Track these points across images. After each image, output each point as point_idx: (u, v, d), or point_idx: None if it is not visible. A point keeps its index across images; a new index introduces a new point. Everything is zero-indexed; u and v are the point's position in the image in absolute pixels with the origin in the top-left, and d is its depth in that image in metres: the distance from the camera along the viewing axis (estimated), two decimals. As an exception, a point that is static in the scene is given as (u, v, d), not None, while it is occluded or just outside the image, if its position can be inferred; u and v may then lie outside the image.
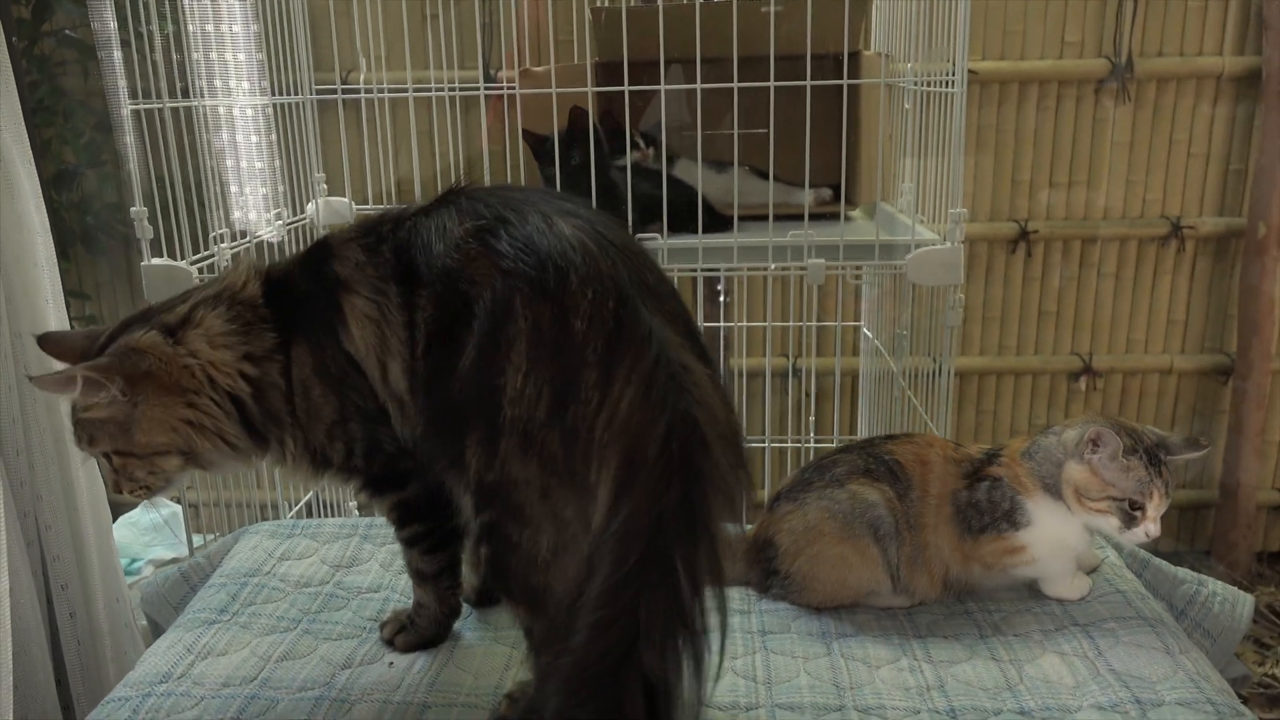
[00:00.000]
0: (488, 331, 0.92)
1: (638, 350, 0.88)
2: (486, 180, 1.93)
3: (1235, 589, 1.37)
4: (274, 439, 1.10)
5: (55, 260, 1.54)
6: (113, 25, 1.47)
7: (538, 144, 1.83)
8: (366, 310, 1.02)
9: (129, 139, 1.56)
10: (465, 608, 1.30)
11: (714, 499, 0.86)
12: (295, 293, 1.07)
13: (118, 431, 1.05)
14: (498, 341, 0.91)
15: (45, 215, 1.44)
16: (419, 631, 1.23)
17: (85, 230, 2.53)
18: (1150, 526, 1.22)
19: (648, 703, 0.83)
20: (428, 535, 1.16)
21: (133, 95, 1.59)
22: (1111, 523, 1.23)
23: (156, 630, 1.50)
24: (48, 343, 1.13)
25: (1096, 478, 1.22)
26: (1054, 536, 1.26)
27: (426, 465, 1.06)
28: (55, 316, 1.51)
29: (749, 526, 1.51)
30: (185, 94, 1.68)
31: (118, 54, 1.49)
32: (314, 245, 1.11)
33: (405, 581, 1.43)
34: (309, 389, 1.06)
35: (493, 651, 1.24)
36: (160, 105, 1.62)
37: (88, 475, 1.52)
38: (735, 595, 1.37)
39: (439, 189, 1.96)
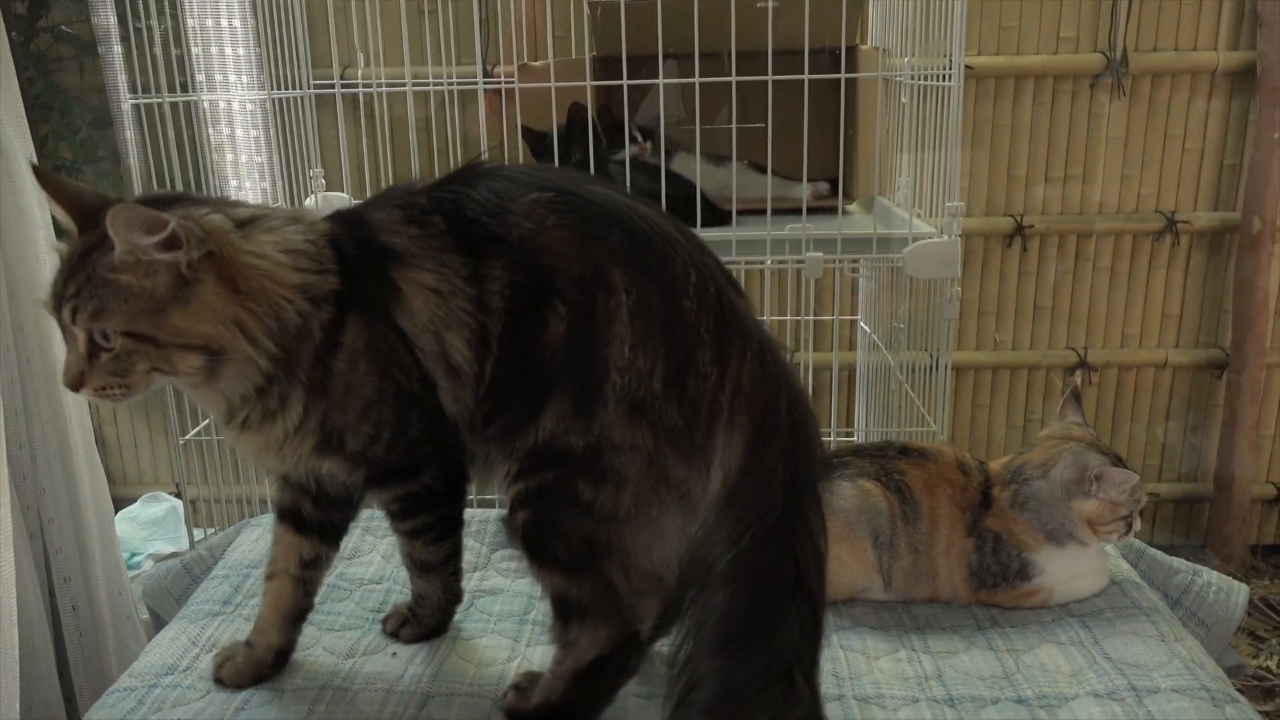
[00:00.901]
0: (581, 303, 0.95)
1: (744, 332, 0.97)
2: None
3: (1230, 579, 1.38)
4: (277, 392, 0.99)
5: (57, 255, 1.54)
6: (112, 21, 1.47)
7: (536, 140, 1.84)
8: (429, 282, 0.98)
9: (129, 134, 1.56)
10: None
11: (821, 460, 0.97)
12: (348, 259, 1.00)
13: (147, 308, 0.91)
14: (594, 313, 0.94)
15: (48, 210, 1.45)
16: (423, 623, 1.23)
17: (83, 225, 2.52)
18: (1136, 523, 1.29)
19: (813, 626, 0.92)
20: (435, 525, 1.14)
21: (132, 90, 1.59)
22: (1113, 536, 1.28)
23: (158, 622, 1.50)
24: (46, 179, 0.99)
25: (1108, 506, 1.26)
26: (1070, 573, 1.28)
27: (467, 434, 1.04)
28: (56, 311, 1.52)
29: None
30: (184, 89, 1.69)
31: (118, 49, 1.50)
32: (345, 215, 1.05)
33: (407, 573, 1.43)
34: (356, 362, 1.00)
35: (495, 643, 1.25)
36: (160, 100, 1.62)
37: (90, 468, 1.53)
38: (735, 586, 1.38)
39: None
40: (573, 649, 1.04)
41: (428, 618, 1.22)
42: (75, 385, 0.95)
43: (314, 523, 1.14)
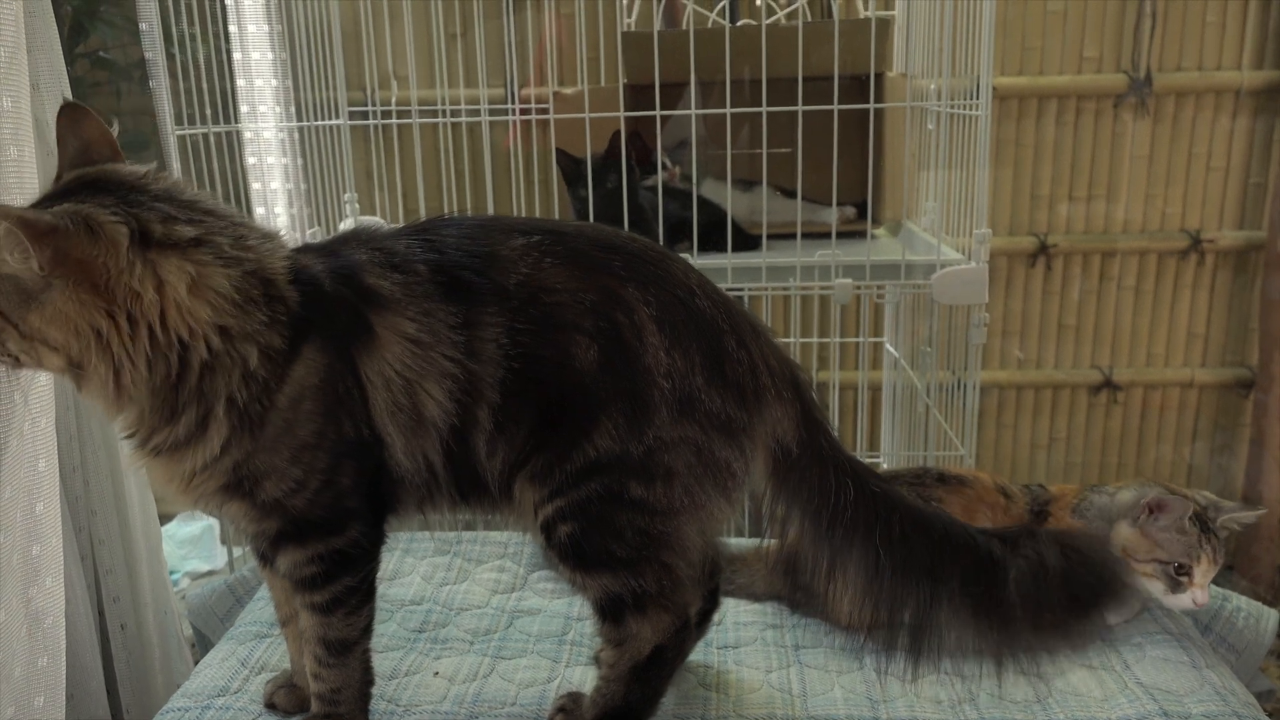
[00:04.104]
0: (604, 327, 0.98)
1: (748, 320, 1.06)
2: (518, 196, 1.97)
3: (1259, 604, 1.39)
4: (191, 419, 0.93)
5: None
6: (163, 58, 1.52)
7: (571, 165, 1.86)
8: (409, 331, 0.96)
9: (175, 164, 1.61)
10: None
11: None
12: (322, 293, 0.97)
13: (14, 295, 0.88)
14: (620, 332, 0.98)
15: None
16: None
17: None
18: (1198, 594, 1.21)
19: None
20: (358, 588, 1.04)
21: (178, 122, 1.64)
22: (1157, 586, 1.24)
23: (203, 641, 1.54)
24: (75, 113, 0.98)
25: (1145, 540, 1.23)
26: None
27: (427, 488, 1.02)
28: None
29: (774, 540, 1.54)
30: (225, 119, 1.74)
31: (166, 82, 1.55)
32: (322, 250, 1.02)
33: (446, 593, 1.47)
34: (300, 400, 0.95)
35: (535, 663, 1.28)
36: (205, 131, 1.67)
37: (139, 491, 1.57)
38: (767, 610, 1.41)
39: (469, 208, 1.99)
40: (629, 645, 1.06)
41: (351, 714, 1.08)
42: None
43: None
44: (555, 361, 0.98)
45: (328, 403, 0.96)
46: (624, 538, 1.01)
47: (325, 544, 1.01)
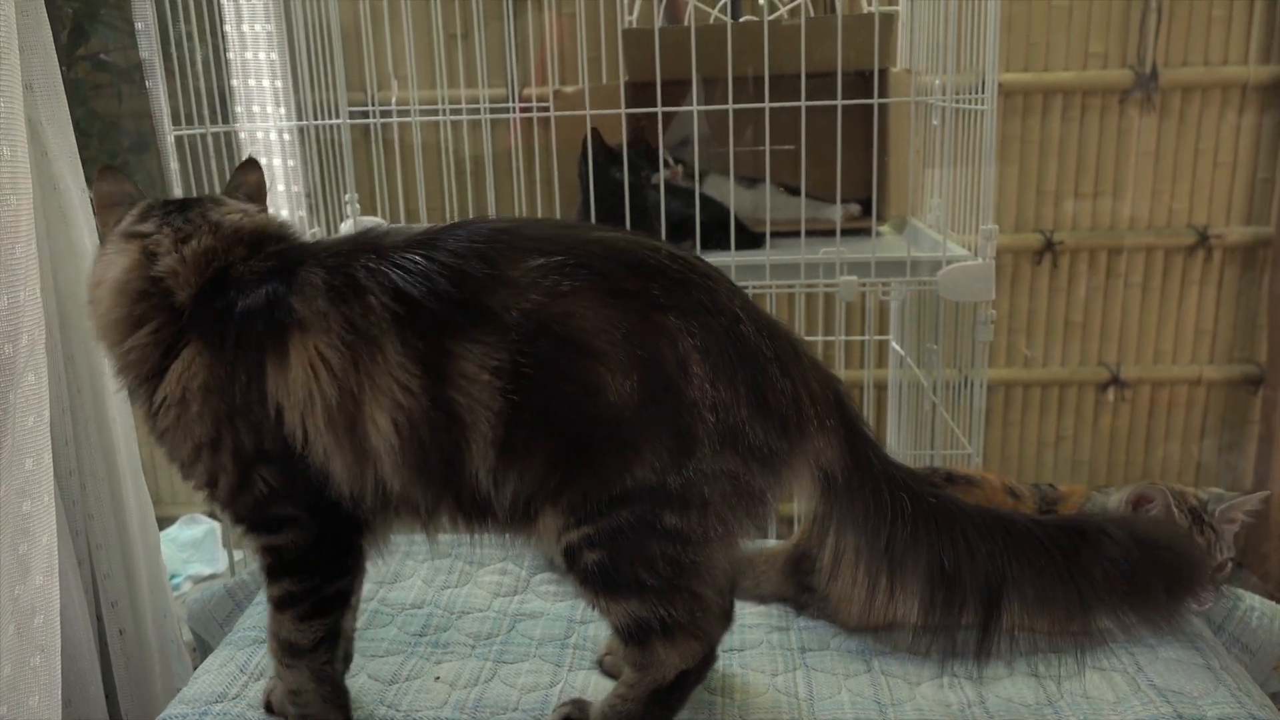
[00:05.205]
0: (645, 358, 0.94)
1: (790, 342, 1.02)
2: (519, 199, 1.96)
3: (1273, 604, 1.37)
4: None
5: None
6: (159, 59, 1.51)
7: (608, 154, 1.83)
8: (335, 360, 0.96)
9: (173, 165, 1.60)
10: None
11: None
12: (224, 304, 1.00)
13: None
14: (663, 364, 0.94)
15: (99, 242, 1.48)
16: None
17: (122, 251, 2.56)
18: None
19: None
20: (304, 597, 1.05)
21: (175, 122, 1.63)
22: None
23: (202, 645, 1.53)
24: (246, 162, 1.24)
25: None
26: None
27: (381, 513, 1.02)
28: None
29: (778, 541, 1.53)
30: (223, 120, 1.73)
31: (163, 84, 1.53)
32: (295, 254, 1.03)
33: (447, 597, 1.45)
34: (187, 400, 1.00)
35: (537, 668, 1.26)
36: (201, 131, 1.66)
37: (137, 495, 1.55)
38: (773, 612, 1.39)
39: (470, 207, 1.98)
40: (653, 669, 1.04)
41: (317, 715, 1.10)
42: None
43: None
44: (577, 395, 0.94)
45: (220, 410, 1.00)
46: (655, 566, 0.98)
47: (262, 539, 1.05)
